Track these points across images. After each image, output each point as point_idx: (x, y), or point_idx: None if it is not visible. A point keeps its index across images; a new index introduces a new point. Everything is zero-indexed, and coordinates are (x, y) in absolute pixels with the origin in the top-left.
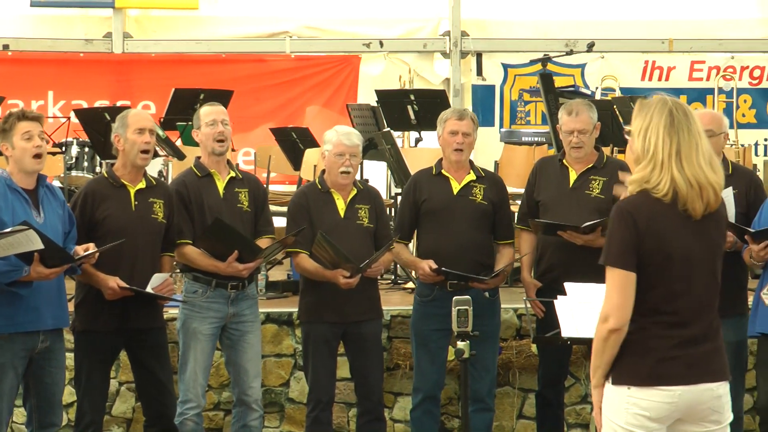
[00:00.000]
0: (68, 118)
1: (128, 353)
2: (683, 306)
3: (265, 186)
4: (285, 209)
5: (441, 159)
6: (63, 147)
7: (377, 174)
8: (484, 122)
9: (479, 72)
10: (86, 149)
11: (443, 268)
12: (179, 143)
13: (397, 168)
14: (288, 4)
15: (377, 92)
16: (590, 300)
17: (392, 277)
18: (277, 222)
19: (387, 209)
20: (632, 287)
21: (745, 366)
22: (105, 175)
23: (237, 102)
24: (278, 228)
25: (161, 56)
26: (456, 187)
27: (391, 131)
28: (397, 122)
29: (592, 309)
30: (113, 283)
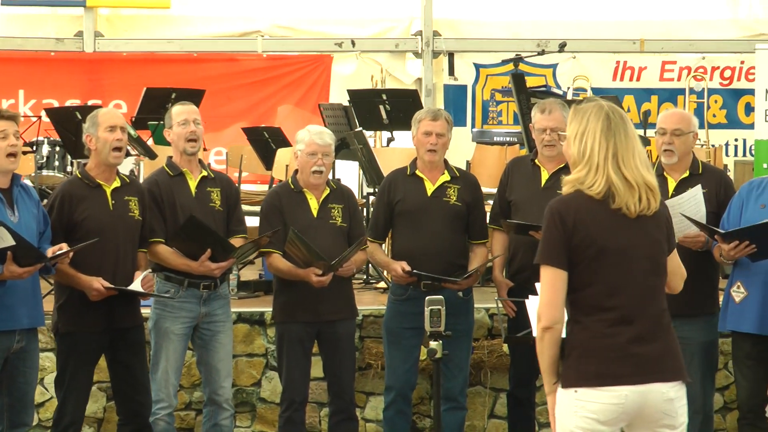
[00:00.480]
0: (39, 118)
1: (108, 352)
2: (624, 302)
3: (237, 185)
4: (257, 209)
5: (416, 159)
6: (34, 146)
7: (349, 174)
8: (456, 122)
9: (451, 72)
10: (57, 149)
11: (415, 271)
12: (151, 142)
13: (369, 168)
14: (260, 4)
15: (349, 92)
16: None
17: (364, 277)
18: (249, 221)
19: (360, 209)
20: (562, 285)
21: (716, 365)
22: (79, 176)
23: (209, 101)
24: (250, 228)
25: (133, 55)
26: (430, 188)
27: (363, 131)
28: (369, 122)
29: None
30: (98, 284)
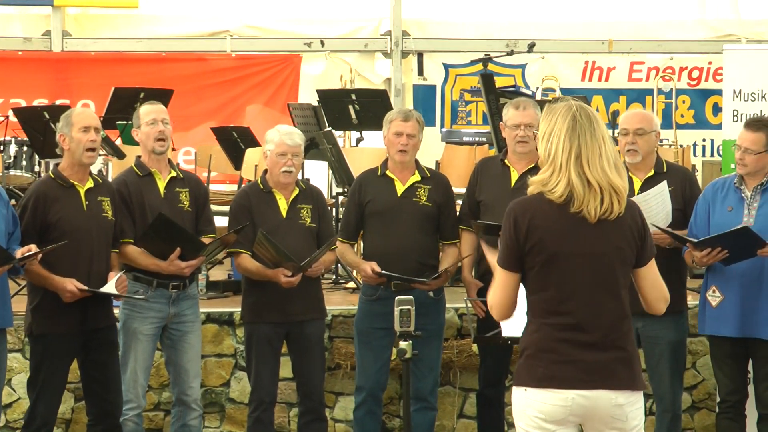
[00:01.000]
0: (6, 117)
1: (81, 352)
2: (577, 308)
3: (206, 185)
4: (226, 209)
5: (387, 159)
6: (1, 146)
7: (318, 174)
8: (425, 122)
9: (420, 72)
10: (25, 148)
11: (384, 271)
12: (119, 142)
13: (339, 168)
14: (229, 4)
15: (318, 92)
16: None
17: (333, 277)
18: (218, 221)
19: (329, 209)
20: (512, 287)
21: (683, 365)
22: (52, 176)
23: (177, 101)
24: (219, 228)
25: (101, 55)
26: (400, 189)
27: (333, 131)
28: (339, 122)
29: None
30: (71, 286)
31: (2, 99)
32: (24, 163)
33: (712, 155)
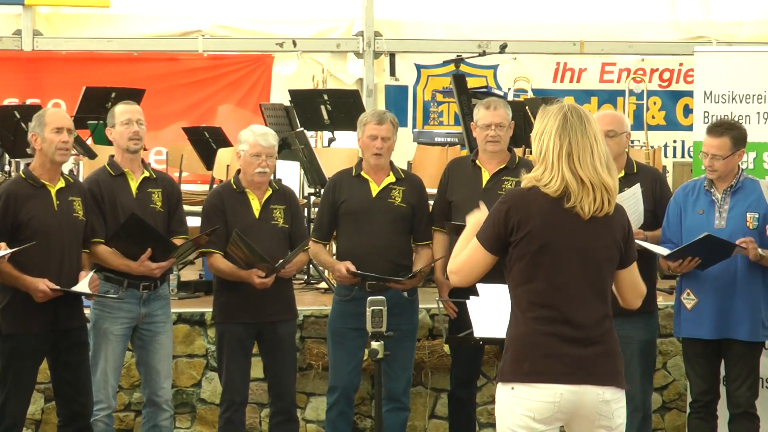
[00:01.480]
0: None
1: (51, 353)
2: (564, 301)
3: (178, 186)
4: (197, 209)
5: (361, 160)
6: None
7: (290, 174)
8: None
9: (392, 72)
10: None
11: (359, 271)
12: (90, 142)
13: (311, 168)
14: (201, 3)
15: (290, 92)
16: (502, 301)
17: (305, 277)
18: (190, 221)
19: (302, 209)
20: (483, 266)
21: (653, 365)
22: (23, 176)
23: (149, 101)
24: (192, 227)
25: (72, 54)
26: (375, 190)
27: (305, 131)
28: (311, 122)
29: (504, 310)
30: (43, 286)
31: None
32: None
33: (683, 156)
